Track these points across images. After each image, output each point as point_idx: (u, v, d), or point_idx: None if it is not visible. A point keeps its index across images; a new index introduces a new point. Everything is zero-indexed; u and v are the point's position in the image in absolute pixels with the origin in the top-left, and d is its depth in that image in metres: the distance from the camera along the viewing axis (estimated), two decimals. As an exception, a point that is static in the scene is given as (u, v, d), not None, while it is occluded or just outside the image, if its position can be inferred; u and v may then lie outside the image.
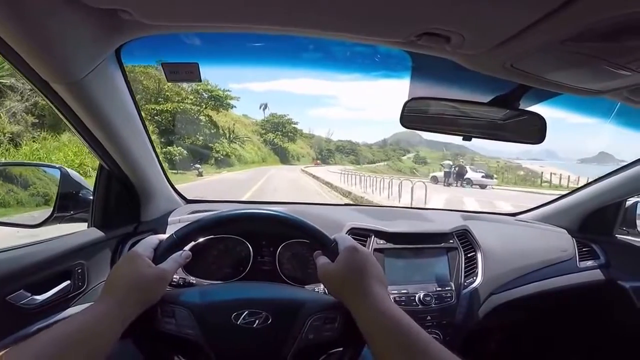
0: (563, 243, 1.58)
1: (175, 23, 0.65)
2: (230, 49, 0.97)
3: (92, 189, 1.10)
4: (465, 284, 1.26)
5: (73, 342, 0.48)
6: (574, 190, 1.69)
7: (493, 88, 0.91)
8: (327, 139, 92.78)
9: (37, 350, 0.46)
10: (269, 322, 0.62)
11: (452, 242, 1.30)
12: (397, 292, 1.16)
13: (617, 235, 1.62)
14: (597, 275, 1.55)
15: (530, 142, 0.98)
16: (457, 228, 1.34)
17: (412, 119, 0.96)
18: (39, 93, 0.73)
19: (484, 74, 0.74)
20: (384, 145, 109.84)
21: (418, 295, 1.17)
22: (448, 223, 1.36)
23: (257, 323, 0.62)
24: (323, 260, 0.68)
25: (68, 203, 1.06)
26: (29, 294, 0.82)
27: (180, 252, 0.67)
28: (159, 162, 1.20)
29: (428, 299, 1.17)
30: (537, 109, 0.94)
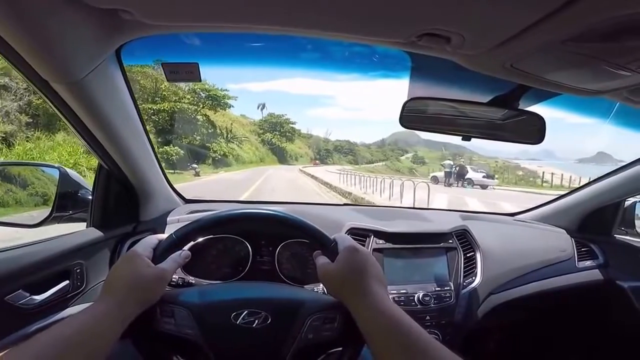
0: (562, 243, 1.58)
1: (176, 23, 0.65)
2: (230, 49, 0.97)
3: (91, 189, 1.10)
4: (465, 284, 1.26)
5: (73, 342, 0.48)
6: (573, 191, 1.69)
7: (492, 88, 0.91)
8: (325, 139, 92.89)
9: (37, 351, 0.46)
10: (269, 322, 0.62)
11: (451, 242, 1.30)
12: (396, 292, 1.16)
13: (615, 236, 1.63)
14: (595, 275, 1.55)
15: (530, 142, 0.98)
16: (456, 228, 1.34)
17: (411, 119, 0.96)
18: (39, 93, 0.73)
19: (484, 74, 0.74)
20: (382, 145, 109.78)
21: (417, 295, 1.17)
22: (447, 223, 1.36)
23: (256, 323, 0.61)
24: (323, 260, 0.68)
25: (67, 203, 1.06)
26: (28, 294, 0.82)
27: (180, 251, 0.67)
28: (158, 162, 1.20)
29: (427, 299, 1.17)
30: (536, 109, 0.95)
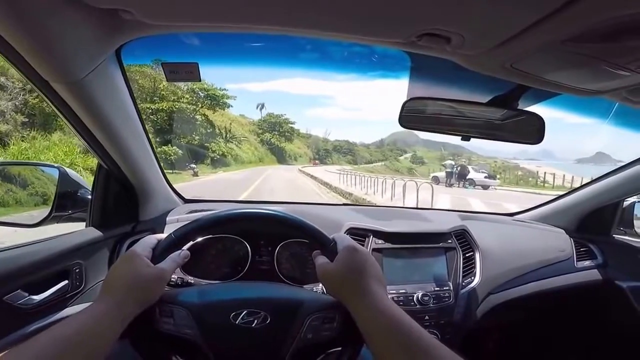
0: (561, 243, 1.58)
1: (176, 23, 0.65)
2: (230, 49, 0.98)
3: (90, 189, 1.10)
4: (464, 284, 1.26)
5: (72, 342, 0.48)
6: (572, 191, 1.69)
7: (492, 88, 0.91)
8: (324, 139, 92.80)
9: (37, 351, 0.46)
10: (268, 321, 0.62)
11: (450, 242, 1.30)
12: (395, 291, 1.16)
13: (614, 236, 1.63)
14: (594, 275, 1.56)
15: (529, 142, 0.97)
16: (455, 228, 1.34)
17: (411, 119, 0.96)
18: (39, 92, 0.73)
19: (483, 74, 0.74)
20: (381, 145, 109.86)
21: (416, 295, 1.17)
22: (446, 223, 1.36)
23: (255, 323, 0.61)
24: (322, 260, 0.68)
25: (66, 202, 1.06)
26: (27, 294, 0.82)
27: (179, 251, 0.67)
28: (158, 161, 1.20)
29: (426, 299, 1.17)
30: (535, 109, 0.95)
